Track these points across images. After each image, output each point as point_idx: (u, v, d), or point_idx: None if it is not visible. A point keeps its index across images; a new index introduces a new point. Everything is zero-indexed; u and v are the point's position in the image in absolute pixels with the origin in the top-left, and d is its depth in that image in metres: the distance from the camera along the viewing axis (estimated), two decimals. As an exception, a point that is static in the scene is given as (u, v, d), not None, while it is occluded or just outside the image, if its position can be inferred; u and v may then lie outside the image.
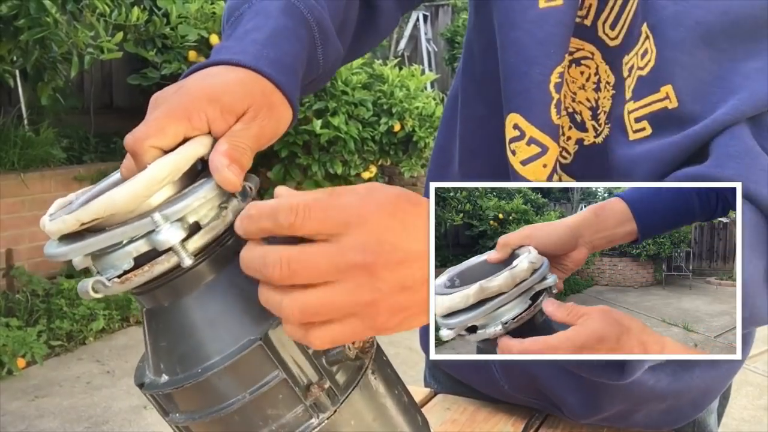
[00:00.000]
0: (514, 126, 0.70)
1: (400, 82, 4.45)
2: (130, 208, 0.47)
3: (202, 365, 0.48)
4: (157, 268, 0.47)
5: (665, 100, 0.61)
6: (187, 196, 0.47)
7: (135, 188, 0.46)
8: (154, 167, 0.47)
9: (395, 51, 7.42)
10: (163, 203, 0.48)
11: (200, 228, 0.48)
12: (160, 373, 0.50)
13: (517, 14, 0.69)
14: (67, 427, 2.81)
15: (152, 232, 0.46)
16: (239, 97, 0.54)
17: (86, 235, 0.48)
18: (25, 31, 2.99)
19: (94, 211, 0.46)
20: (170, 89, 0.54)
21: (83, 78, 5.16)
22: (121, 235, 0.46)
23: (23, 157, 4.06)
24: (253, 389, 0.48)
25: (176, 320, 0.49)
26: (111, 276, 0.47)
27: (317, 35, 0.66)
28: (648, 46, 0.62)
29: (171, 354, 0.50)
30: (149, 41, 3.90)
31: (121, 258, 0.47)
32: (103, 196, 0.46)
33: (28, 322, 3.51)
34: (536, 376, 0.82)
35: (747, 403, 3.12)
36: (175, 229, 0.46)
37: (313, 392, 0.48)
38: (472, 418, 0.90)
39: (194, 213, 0.47)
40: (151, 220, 0.46)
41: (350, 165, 4.32)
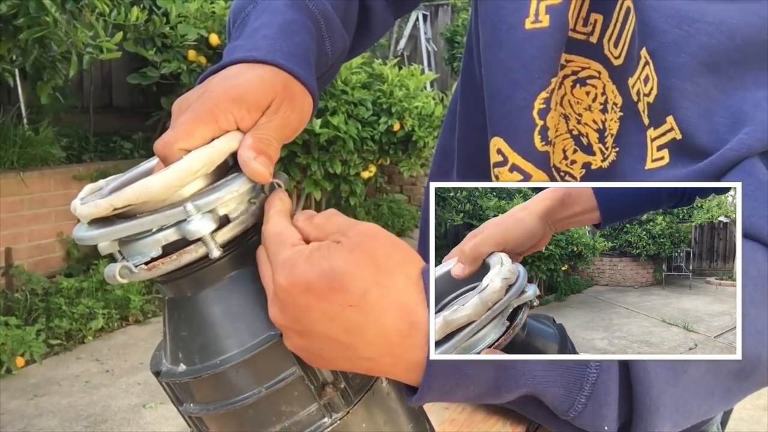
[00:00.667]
0: (498, 150, 0.68)
1: (400, 82, 4.44)
2: (164, 197, 0.48)
3: (221, 357, 0.49)
4: (185, 258, 0.47)
5: (671, 132, 0.58)
6: (219, 189, 0.48)
7: (169, 177, 0.47)
8: (189, 158, 0.48)
9: (395, 50, 7.41)
10: (194, 194, 0.49)
11: (229, 221, 0.49)
12: (178, 362, 0.51)
13: (503, 34, 0.66)
14: (65, 426, 2.81)
15: (183, 221, 0.47)
16: (261, 92, 0.54)
17: (116, 221, 0.48)
18: (24, 30, 2.98)
19: (128, 197, 0.47)
20: (193, 94, 0.55)
21: (82, 77, 5.16)
22: (152, 223, 0.47)
23: (22, 156, 4.06)
24: (270, 384, 0.48)
25: (198, 311, 0.50)
26: (138, 262, 0.48)
27: (324, 27, 0.65)
28: (648, 73, 0.59)
29: (191, 344, 0.50)
30: (149, 40, 3.90)
31: (150, 245, 0.48)
32: (138, 182, 0.47)
33: (27, 320, 3.51)
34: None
35: (746, 402, 3.12)
36: (207, 220, 0.47)
37: (327, 392, 0.49)
38: (470, 417, 0.90)
39: (225, 206, 0.48)
40: (183, 209, 0.46)
41: (349, 164, 4.32)
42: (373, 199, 5.94)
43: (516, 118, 0.66)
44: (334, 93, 4.09)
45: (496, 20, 0.67)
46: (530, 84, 0.65)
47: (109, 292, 3.79)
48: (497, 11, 0.67)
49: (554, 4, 0.64)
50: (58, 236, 4.13)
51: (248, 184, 0.50)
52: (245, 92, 0.53)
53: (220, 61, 0.59)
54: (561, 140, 0.70)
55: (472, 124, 0.79)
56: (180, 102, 0.55)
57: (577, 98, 0.68)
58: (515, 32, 0.65)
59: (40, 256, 4.07)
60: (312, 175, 4.22)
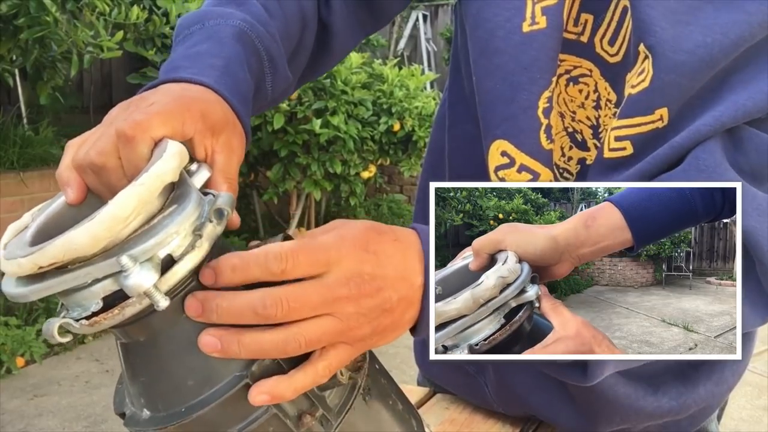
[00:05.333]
0: (502, 153, 0.69)
1: (400, 82, 4.44)
2: (92, 251, 0.43)
3: (186, 404, 0.45)
4: (129, 311, 0.43)
5: (658, 122, 0.60)
6: (156, 231, 0.43)
7: (96, 230, 0.42)
8: (116, 204, 0.43)
9: (395, 51, 7.41)
10: (131, 236, 0.44)
11: (174, 262, 0.43)
12: (141, 407, 0.47)
13: (499, 40, 0.67)
14: (66, 426, 2.81)
15: (119, 273, 0.42)
16: (220, 117, 0.54)
17: (45, 275, 0.44)
18: (24, 30, 2.98)
19: (52, 254, 0.42)
20: (149, 96, 0.53)
21: (83, 77, 5.16)
22: (86, 276, 0.42)
23: (23, 156, 4.05)
24: (242, 426, 0.46)
25: (155, 356, 0.46)
26: (79, 316, 0.44)
27: (267, 65, 0.66)
28: (646, 66, 0.60)
29: (152, 390, 0.46)
30: (149, 40, 3.89)
31: (89, 298, 0.43)
32: (62, 238, 0.42)
33: (27, 321, 3.50)
34: (528, 401, 0.81)
35: (746, 402, 3.11)
36: (146, 270, 0.42)
37: (305, 422, 0.47)
38: (470, 417, 0.90)
39: (167, 247, 0.43)
40: (116, 262, 0.41)
41: (350, 164, 4.32)
42: (373, 199, 5.94)
43: (521, 120, 0.67)
44: (334, 93, 4.09)
45: (492, 27, 0.68)
46: (532, 85, 0.66)
47: (109, 292, 3.79)
48: (492, 19, 0.68)
49: (550, 5, 0.66)
50: (58, 236, 4.12)
51: (191, 217, 0.44)
52: (209, 111, 0.53)
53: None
54: (559, 138, 0.71)
55: (463, 137, 0.79)
56: (129, 103, 0.53)
57: (571, 96, 0.70)
58: (513, 36, 0.66)
59: (40, 256, 4.06)
60: (312, 175, 4.22)
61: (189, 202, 0.45)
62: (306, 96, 4.02)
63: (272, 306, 0.45)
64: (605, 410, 0.75)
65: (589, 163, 0.70)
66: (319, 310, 0.46)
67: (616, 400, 0.73)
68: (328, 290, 0.46)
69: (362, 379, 0.51)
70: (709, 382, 0.77)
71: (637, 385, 0.73)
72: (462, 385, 0.91)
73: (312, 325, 0.46)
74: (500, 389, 0.84)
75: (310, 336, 0.46)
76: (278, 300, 0.45)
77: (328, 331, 0.46)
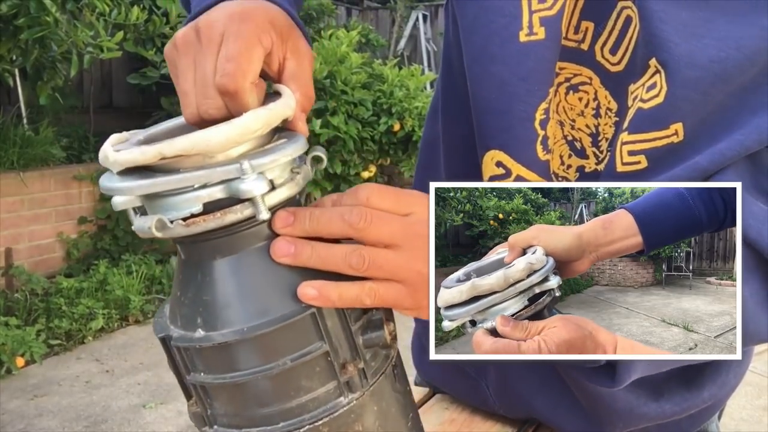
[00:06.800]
0: (497, 163, 0.67)
1: (400, 82, 4.44)
2: (220, 151, 0.46)
3: (249, 324, 0.46)
4: (229, 217, 0.45)
5: (673, 136, 0.58)
6: (273, 152, 0.47)
7: (231, 132, 0.45)
8: (250, 116, 0.46)
9: (395, 51, 7.41)
10: (243, 155, 0.47)
11: (274, 187, 0.47)
12: (195, 327, 0.48)
13: (496, 47, 0.65)
14: (66, 426, 2.81)
15: (234, 180, 0.45)
16: (284, 23, 0.54)
17: (151, 174, 0.46)
18: (24, 30, 2.99)
19: (182, 147, 0.44)
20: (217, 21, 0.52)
21: (83, 77, 5.16)
22: (202, 178, 0.45)
23: (23, 156, 4.06)
24: (295, 357, 0.47)
25: (228, 275, 0.47)
26: (173, 218, 0.45)
27: None
28: (658, 81, 0.59)
29: (215, 309, 0.47)
30: (149, 40, 3.90)
31: (191, 201, 0.45)
32: (195, 134, 0.45)
33: (27, 321, 3.51)
34: (531, 403, 0.80)
35: (746, 402, 3.12)
36: (261, 181, 0.45)
37: (348, 370, 0.48)
38: (470, 417, 0.90)
39: (272, 171, 0.47)
40: (239, 167, 0.44)
41: (349, 164, 4.32)
42: (373, 199, 5.95)
43: (517, 131, 0.65)
44: (334, 93, 4.09)
45: (487, 34, 0.66)
46: (530, 96, 0.65)
47: (109, 292, 3.79)
48: (488, 25, 0.66)
49: (549, 16, 0.64)
50: (58, 236, 4.13)
51: (301, 150, 0.49)
52: (275, 19, 0.53)
53: None
54: (558, 147, 0.70)
55: (459, 138, 0.77)
56: (187, 35, 0.52)
57: (571, 104, 0.68)
58: (510, 46, 0.64)
59: (40, 256, 4.07)
60: (312, 175, 4.22)
61: (300, 138, 0.50)
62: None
63: (358, 215, 0.49)
64: (608, 415, 0.75)
65: (588, 171, 0.69)
66: (395, 238, 0.49)
67: (619, 406, 0.72)
68: (409, 225, 0.50)
69: (395, 352, 0.53)
70: (713, 386, 0.76)
71: (639, 392, 0.72)
72: (462, 387, 0.90)
73: (381, 251, 0.49)
74: (502, 391, 0.84)
75: (377, 258, 0.49)
76: (365, 212, 0.49)
77: (393, 261, 0.49)
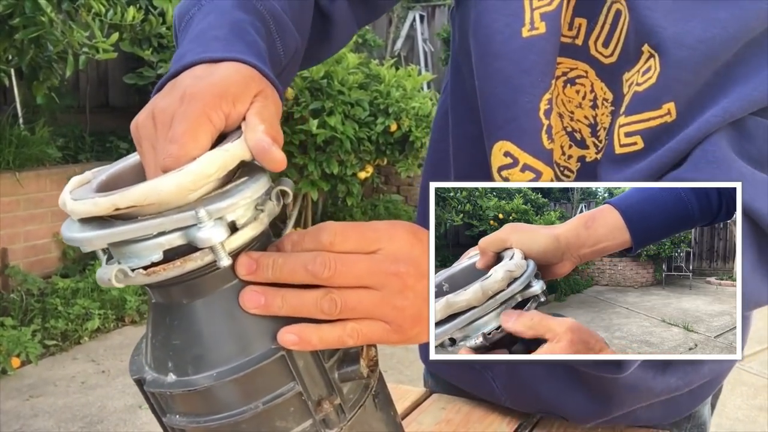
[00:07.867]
0: (505, 153, 0.71)
1: (397, 82, 4.44)
2: (174, 200, 0.45)
3: (218, 369, 0.46)
4: (189, 265, 0.45)
5: (666, 116, 0.62)
6: (231, 194, 0.46)
7: (183, 180, 0.44)
8: (204, 161, 0.45)
9: (392, 51, 7.41)
10: (201, 199, 0.46)
11: (237, 229, 0.46)
12: (167, 371, 0.48)
13: (499, 45, 0.69)
14: (61, 426, 2.80)
15: (191, 227, 0.44)
16: (243, 84, 0.52)
17: (113, 222, 0.45)
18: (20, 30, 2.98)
19: (134, 198, 0.44)
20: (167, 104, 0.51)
21: (79, 77, 5.15)
22: (158, 227, 0.44)
23: (18, 156, 4.05)
24: (267, 399, 0.47)
25: (196, 319, 0.47)
26: (135, 266, 0.45)
27: (273, 27, 0.63)
28: (652, 64, 0.63)
29: (184, 353, 0.47)
30: (145, 40, 3.89)
31: (151, 249, 0.45)
32: (147, 183, 0.44)
33: (22, 321, 3.50)
34: (539, 390, 0.82)
35: (741, 402, 3.12)
36: (219, 227, 0.44)
37: (323, 407, 0.48)
38: (466, 417, 0.90)
39: (233, 212, 0.46)
40: (194, 214, 0.44)
41: (346, 165, 4.32)
42: (370, 199, 5.94)
43: (523, 121, 0.69)
44: (330, 93, 4.09)
45: (491, 33, 0.70)
46: (534, 88, 0.69)
47: (105, 292, 3.79)
48: (491, 24, 0.70)
49: (548, 11, 0.68)
50: (54, 237, 4.12)
51: (262, 190, 0.47)
52: (228, 86, 0.51)
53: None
54: (558, 137, 0.73)
55: (466, 137, 0.81)
56: (145, 120, 0.51)
57: (569, 97, 0.72)
58: (513, 41, 0.68)
59: (36, 256, 4.06)
60: (309, 175, 4.22)
61: (262, 176, 0.49)
62: (303, 96, 4.02)
63: (321, 264, 0.47)
64: (619, 394, 0.77)
65: (589, 161, 0.72)
66: (364, 280, 0.47)
67: (628, 381, 0.74)
68: (376, 264, 0.48)
69: (375, 381, 0.52)
70: (713, 361, 0.79)
71: (647, 367, 0.75)
72: (468, 380, 0.92)
73: (353, 292, 0.47)
74: (509, 380, 0.85)
75: (349, 300, 0.47)
76: (328, 259, 0.47)
77: (367, 301, 0.47)
